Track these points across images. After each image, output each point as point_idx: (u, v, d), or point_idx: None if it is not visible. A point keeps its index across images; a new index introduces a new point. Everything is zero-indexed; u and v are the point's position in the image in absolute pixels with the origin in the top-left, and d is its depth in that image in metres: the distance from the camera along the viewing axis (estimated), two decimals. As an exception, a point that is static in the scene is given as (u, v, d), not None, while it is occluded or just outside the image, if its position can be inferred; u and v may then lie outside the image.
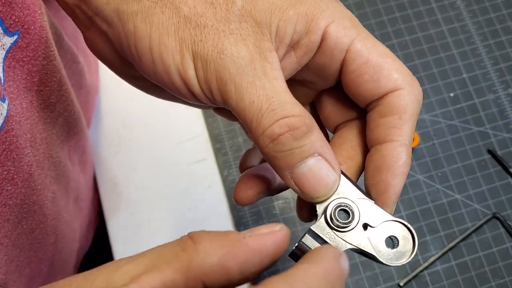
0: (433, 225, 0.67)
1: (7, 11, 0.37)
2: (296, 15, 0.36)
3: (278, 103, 0.34)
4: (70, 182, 0.55)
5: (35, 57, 0.41)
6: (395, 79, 0.37)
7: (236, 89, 0.34)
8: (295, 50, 0.37)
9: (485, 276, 0.65)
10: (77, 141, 0.56)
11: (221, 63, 0.34)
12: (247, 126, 0.35)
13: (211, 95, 0.36)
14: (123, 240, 0.67)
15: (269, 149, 0.34)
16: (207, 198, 0.68)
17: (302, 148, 0.34)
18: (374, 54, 0.37)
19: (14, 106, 0.39)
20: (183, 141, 0.71)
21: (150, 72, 0.37)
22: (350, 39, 0.36)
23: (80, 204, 0.62)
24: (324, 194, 0.36)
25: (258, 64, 0.35)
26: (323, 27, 0.36)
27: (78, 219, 0.61)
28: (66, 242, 0.55)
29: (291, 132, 0.34)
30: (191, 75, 0.36)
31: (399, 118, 0.37)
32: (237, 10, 0.35)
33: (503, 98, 0.72)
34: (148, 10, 0.36)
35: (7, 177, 0.39)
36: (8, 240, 0.42)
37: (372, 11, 0.76)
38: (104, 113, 0.72)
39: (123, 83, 0.44)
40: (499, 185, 0.69)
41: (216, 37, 0.35)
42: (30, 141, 0.43)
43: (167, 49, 0.35)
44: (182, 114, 0.71)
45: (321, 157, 0.35)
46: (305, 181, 0.35)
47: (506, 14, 0.76)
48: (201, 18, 0.35)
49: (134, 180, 0.69)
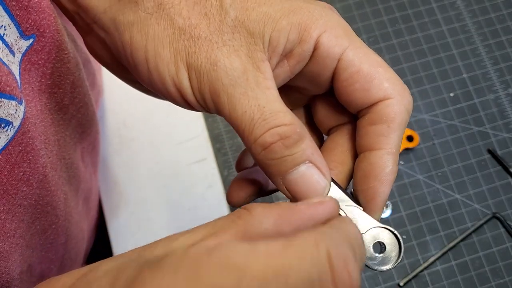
0: (433, 225, 0.67)
1: (24, 15, 0.38)
2: (289, 25, 0.36)
3: (270, 113, 0.35)
4: (81, 183, 0.55)
5: (49, 60, 0.42)
6: (386, 88, 0.37)
7: (229, 100, 0.35)
8: (288, 59, 0.37)
9: (485, 276, 0.65)
10: (90, 142, 0.56)
11: (214, 74, 0.35)
12: (240, 134, 0.36)
13: (204, 104, 0.37)
14: (123, 240, 0.67)
15: (261, 157, 0.35)
16: (207, 198, 0.68)
17: (293, 156, 0.35)
18: (365, 64, 0.37)
19: (29, 108, 0.40)
20: (183, 141, 0.71)
21: (146, 81, 0.38)
22: (342, 48, 0.37)
23: (89, 205, 0.62)
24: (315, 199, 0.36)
25: (250, 74, 0.35)
26: (315, 37, 0.36)
27: (86, 219, 0.61)
28: (75, 243, 0.56)
29: (282, 140, 0.35)
30: (186, 86, 0.36)
31: (388, 127, 0.37)
32: (231, 21, 0.36)
33: (503, 98, 0.72)
34: (144, 21, 0.37)
35: (23, 178, 0.39)
36: (23, 240, 0.43)
37: (372, 11, 0.76)
38: (105, 113, 0.72)
39: (123, 83, 0.44)
40: (499, 185, 0.69)
41: (210, 49, 0.35)
42: (44, 143, 0.43)
43: (163, 60, 0.36)
44: (182, 114, 0.71)
45: (312, 164, 0.36)
46: (297, 187, 0.36)
47: (506, 14, 0.76)
48: (195, 30, 0.36)
49: (134, 180, 0.69)
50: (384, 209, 0.67)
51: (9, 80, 0.35)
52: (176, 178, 0.69)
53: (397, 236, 0.37)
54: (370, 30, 0.74)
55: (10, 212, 0.39)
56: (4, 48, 0.36)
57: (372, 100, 0.37)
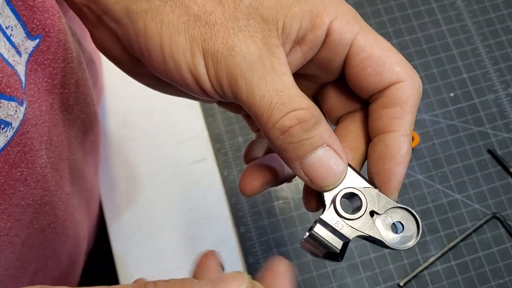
0: (433, 225, 0.67)
1: (30, 15, 0.38)
2: (301, 11, 0.37)
3: (288, 97, 0.35)
4: (83, 184, 0.55)
5: (55, 59, 0.42)
6: (397, 72, 0.38)
7: (247, 85, 0.35)
8: (300, 46, 0.38)
9: (485, 276, 0.65)
10: (92, 142, 0.56)
11: (231, 59, 0.35)
12: (258, 120, 0.36)
13: (221, 91, 0.37)
14: (123, 240, 0.67)
15: (280, 141, 0.35)
16: (207, 198, 0.68)
17: (312, 140, 0.35)
18: (376, 48, 0.38)
19: (32, 109, 0.40)
20: (183, 141, 0.71)
21: (160, 70, 0.38)
22: (354, 34, 0.37)
23: (91, 205, 0.62)
24: (333, 183, 0.37)
25: (267, 59, 0.35)
26: (327, 23, 0.37)
27: (87, 219, 0.61)
28: (77, 242, 0.56)
29: (301, 124, 0.35)
30: (202, 72, 0.36)
31: (401, 109, 0.38)
32: (245, 8, 0.36)
33: (503, 98, 0.72)
34: (158, 9, 0.36)
35: (20, 178, 0.39)
36: (18, 239, 0.43)
37: (372, 11, 0.76)
38: (105, 112, 0.72)
39: (124, 82, 0.44)
40: (499, 185, 0.69)
41: (226, 35, 0.36)
42: (46, 143, 0.43)
43: (178, 47, 0.36)
44: (182, 114, 0.71)
45: (329, 147, 0.36)
46: (315, 171, 0.36)
47: (506, 14, 0.76)
48: (210, 16, 0.36)
49: (134, 180, 0.69)
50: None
51: (10, 81, 0.34)
52: (176, 178, 0.69)
53: (415, 215, 0.38)
54: (370, 30, 0.74)
55: (6, 211, 0.39)
56: (11, 49, 0.36)
57: (385, 83, 0.38)
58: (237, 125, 0.71)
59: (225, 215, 0.68)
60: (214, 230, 0.67)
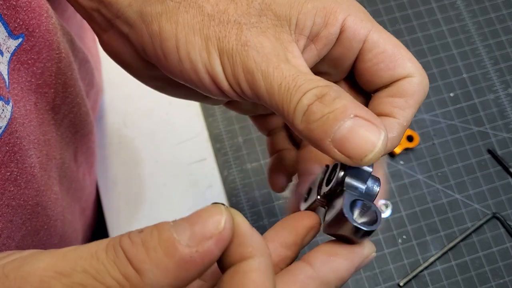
0: (433, 225, 0.67)
1: (12, 14, 0.38)
2: (314, 8, 0.37)
3: (304, 79, 0.34)
4: (73, 183, 0.55)
5: (39, 59, 0.42)
6: (409, 67, 0.38)
7: (263, 76, 0.35)
8: (315, 43, 0.38)
9: (485, 276, 0.65)
10: (85, 143, 0.56)
11: (245, 54, 0.36)
12: (280, 111, 0.35)
13: (239, 89, 0.37)
14: (123, 240, 0.67)
15: (304, 124, 0.34)
16: (207, 198, 0.68)
17: (335, 112, 0.33)
18: (389, 45, 0.38)
19: (18, 108, 0.40)
20: (183, 141, 0.71)
21: (176, 71, 0.38)
22: (367, 30, 0.38)
23: (84, 204, 0.62)
24: (373, 152, 0.33)
25: (281, 51, 0.36)
26: (341, 20, 0.37)
27: (80, 219, 0.61)
28: (69, 243, 0.55)
29: (320, 99, 0.33)
30: (219, 71, 0.37)
31: (405, 101, 0.38)
32: (257, 4, 0.37)
33: (503, 98, 0.72)
34: (172, 10, 0.37)
35: (10, 178, 0.39)
36: (12, 241, 0.42)
37: (372, 11, 0.75)
38: (105, 113, 0.72)
39: (123, 82, 0.44)
40: (499, 185, 0.69)
41: (239, 31, 0.36)
42: (34, 143, 0.43)
43: (194, 47, 0.36)
44: (182, 114, 0.71)
45: (358, 117, 0.33)
46: (347, 144, 0.33)
47: (506, 14, 0.76)
48: (223, 15, 0.36)
49: (134, 180, 0.69)
50: (383, 209, 0.67)
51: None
52: (176, 178, 0.69)
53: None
54: (370, 30, 0.74)
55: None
56: None
57: (396, 77, 0.38)
58: (237, 125, 0.71)
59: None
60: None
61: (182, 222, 0.29)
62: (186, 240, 0.28)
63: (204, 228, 0.29)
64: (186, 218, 0.30)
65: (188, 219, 0.29)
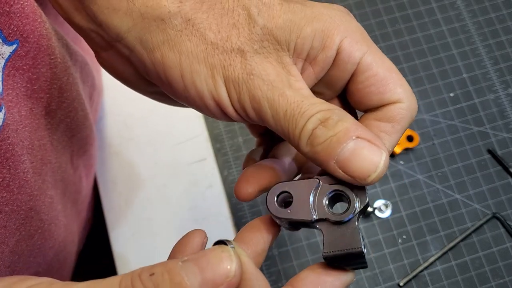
0: (433, 225, 0.67)
1: (6, 21, 0.38)
2: (313, 31, 0.38)
3: (308, 104, 0.36)
4: (68, 186, 0.55)
5: (34, 65, 0.42)
6: (399, 93, 0.39)
7: (269, 104, 0.36)
8: (312, 66, 0.39)
9: (485, 276, 0.65)
10: (81, 146, 0.56)
11: (252, 83, 0.36)
12: (286, 136, 0.37)
13: (245, 114, 0.38)
14: (123, 240, 0.67)
15: (309, 147, 0.36)
16: (207, 198, 0.68)
17: (338, 135, 0.35)
18: (382, 68, 0.39)
19: (11, 114, 0.40)
20: (183, 141, 0.71)
21: (181, 97, 0.39)
22: (362, 52, 0.39)
23: (79, 207, 0.62)
24: (375, 172, 0.35)
25: (284, 77, 0.37)
26: (338, 42, 0.38)
27: (76, 221, 0.61)
28: (64, 245, 0.55)
29: (323, 123, 0.35)
30: (224, 98, 0.37)
31: (392, 127, 0.39)
32: (259, 30, 0.37)
33: (503, 98, 0.72)
34: (175, 39, 0.37)
35: (2, 183, 0.39)
36: (6, 246, 0.42)
37: (372, 11, 0.76)
38: (105, 113, 0.72)
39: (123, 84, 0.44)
40: (499, 185, 0.69)
41: (243, 59, 0.37)
42: (28, 148, 0.43)
43: (200, 76, 0.37)
44: (182, 114, 0.71)
45: (360, 138, 0.35)
46: (351, 164, 0.35)
47: (506, 14, 0.76)
48: (226, 43, 0.37)
49: (134, 180, 0.69)
50: (384, 209, 0.67)
51: None
52: (176, 178, 0.69)
53: None
54: (370, 30, 0.74)
55: None
56: None
57: (385, 102, 0.39)
58: (237, 125, 0.71)
59: (225, 215, 0.68)
60: (214, 230, 0.67)
61: (192, 265, 0.30)
62: (197, 286, 0.29)
63: (215, 275, 0.30)
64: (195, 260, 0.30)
65: (198, 262, 0.30)
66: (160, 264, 0.30)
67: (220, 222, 0.67)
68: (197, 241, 0.39)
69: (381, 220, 0.67)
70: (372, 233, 0.67)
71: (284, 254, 0.66)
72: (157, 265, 0.30)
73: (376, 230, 0.67)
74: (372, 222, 0.67)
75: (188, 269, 0.30)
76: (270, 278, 0.65)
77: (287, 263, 0.65)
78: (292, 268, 0.65)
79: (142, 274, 0.30)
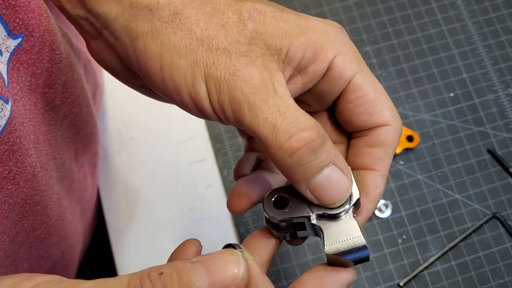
0: (433, 225, 0.67)
1: (11, 14, 0.38)
2: (306, 42, 0.38)
3: (292, 118, 0.35)
4: (73, 184, 0.55)
5: (39, 59, 0.42)
6: (386, 115, 0.40)
7: (249, 108, 0.36)
8: (301, 75, 0.39)
9: (485, 276, 0.65)
10: (86, 143, 0.56)
11: (234, 84, 0.36)
12: (262, 142, 0.36)
13: (223, 115, 0.37)
14: (123, 240, 0.67)
15: (288, 163, 0.36)
16: (207, 198, 0.68)
17: (319, 160, 0.36)
18: (371, 90, 0.39)
19: (17, 107, 0.40)
20: (183, 141, 0.71)
21: (158, 88, 0.38)
22: (353, 72, 0.39)
23: (85, 205, 0.62)
24: (340, 200, 0.38)
25: (268, 82, 0.36)
26: (331, 57, 0.38)
27: (81, 220, 0.61)
28: (70, 243, 0.56)
29: (308, 145, 0.35)
30: (202, 96, 0.37)
31: (384, 151, 0.40)
32: (248, 33, 0.37)
33: (503, 98, 0.72)
34: (159, 30, 0.37)
35: (8, 176, 0.39)
36: (6, 236, 0.43)
37: (372, 11, 0.76)
38: (105, 113, 0.72)
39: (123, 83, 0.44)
40: (499, 185, 0.69)
41: (228, 59, 0.36)
42: (34, 142, 0.43)
43: (179, 70, 0.37)
44: (182, 114, 0.71)
45: (335, 166, 0.37)
46: (322, 190, 0.37)
47: (506, 14, 0.76)
48: (213, 41, 0.36)
49: (134, 180, 0.69)
50: (384, 209, 0.67)
51: None
52: (176, 178, 0.69)
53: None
54: (370, 30, 0.74)
55: None
56: None
57: (373, 124, 0.40)
58: (237, 125, 0.71)
59: (225, 215, 0.68)
60: (214, 230, 0.67)
61: (201, 266, 0.30)
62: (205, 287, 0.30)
63: (223, 277, 0.30)
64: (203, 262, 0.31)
65: (206, 264, 0.31)
66: (169, 264, 0.31)
67: (220, 222, 0.67)
68: (193, 251, 0.39)
69: (381, 220, 0.67)
70: (372, 233, 0.67)
71: (284, 254, 0.66)
72: (166, 265, 0.31)
73: (376, 230, 0.67)
74: (372, 222, 0.67)
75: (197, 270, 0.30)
76: (270, 278, 0.65)
77: (287, 263, 0.65)
78: (292, 268, 0.65)
79: (151, 273, 0.30)
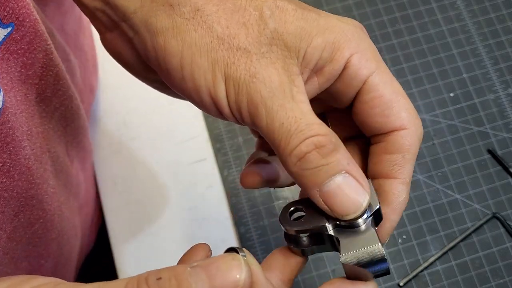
0: (433, 225, 0.67)
1: (1, 3, 0.37)
2: (324, 42, 0.37)
3: (306, 124, 0.35)
4: (68, 178, 0.55)
5: (30, 50, 0.41)
6: (403, 118, 0.38)
7: (267, 112, 0.35)
8: (317, 76, 0.38)
9: (485, 276, 0.65)
10: (75, 137, 0.56)
11: (253, 86, 0.35)
12: (275, 147, 0.36)
13: (239, 116, 0.37)
14: (123, 240, 0.67)
15: (297, 168, 0.35)
16: (207, 198, 0.68)
17: (329, 166, 0.35)
18: (388, 90, 0.38)
19: (9, 98, 0.39)
20: (183, 141, 0.71)
21: (177, 87, 0.38)
22: (370, 71, 0.38)
23: (81, 202, 0.62)
24: (354, 212, 0.36)
25: (287, 87, 0.36)
26: (347, 57, 0.37)
27: (78, 215, 0.61)
28: (67, 239, 0.55)
29: (318, 150, 0.35)
30: (221, 96, 0.36)
31: (403, 157, 0.38)
32: (269, 33, 0.36)
33: (503, 98, 0.72)
34: (180, 27, 0.36)
35: (2, 169, 0.39)
36: (3, 232, 0.42)
37: (372, 11, 0.76)
38: (105, 113, 0.72)
39: (123, 82, 0.44)
40: (499, 185, 0.69)
41: (249, 60, 0.36)
42: (27, 134, 0.42)
43: (200, 69, 0.36)
44: (182, 114, 0.71)
45: (349, 174, 0.35)
46: (334, 198, 0.36)
47: (506, 14, 0.76)
48: (233, 40, 0.36)
49: (134, 180, 0.69)
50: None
51: None
52: (176, 178, 0.69)
53: None
54: (370, 30, 0.74)
55: None
56: None
57: (389, 127, 0.38)
58: (238, 125, 0.71)
59: (225, 215, 0.68)
60: (214, 230, 0.67)
61: (201, 271, 0.30)
62: None
63: (224, 283, 0.30)
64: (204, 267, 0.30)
65: (207, 269, 0.30)
66: (168, 268, 0.30)
67: (220, 222, 0.67)
68: (202, 255, 0.38)
69: (381, 220, 0.67)
70: (372, 233, 0.67)
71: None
72: (165, 269, 0.30)
73: (376, 230, 0.67)
74: (372, 222, 0.67)
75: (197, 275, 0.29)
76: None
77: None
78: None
79: (149, 278, 0.30)
